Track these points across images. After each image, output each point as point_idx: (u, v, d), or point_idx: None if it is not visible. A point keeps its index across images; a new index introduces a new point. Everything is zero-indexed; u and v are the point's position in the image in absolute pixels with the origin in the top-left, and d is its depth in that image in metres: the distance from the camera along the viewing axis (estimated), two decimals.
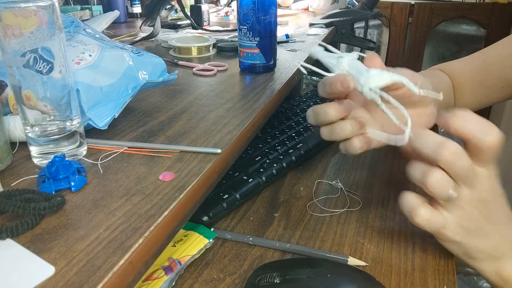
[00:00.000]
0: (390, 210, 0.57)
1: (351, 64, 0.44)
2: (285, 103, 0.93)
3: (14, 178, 0.36)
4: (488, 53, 0.69)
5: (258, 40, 0.64)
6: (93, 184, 0.35)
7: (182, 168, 0.38)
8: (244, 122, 0.48)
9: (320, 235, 0.53)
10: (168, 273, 0.44)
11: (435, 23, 1.67)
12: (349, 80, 0.43)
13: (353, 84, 0.43)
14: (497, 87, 0.68)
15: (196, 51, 0.81)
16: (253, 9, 0.63)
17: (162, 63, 0.52)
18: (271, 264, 0.46)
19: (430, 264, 0.47)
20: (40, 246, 0.28)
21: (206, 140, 0.43)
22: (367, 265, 0.47)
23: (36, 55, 0.35)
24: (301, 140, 0.73)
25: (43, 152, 0.38)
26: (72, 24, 0.51)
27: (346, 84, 0.43)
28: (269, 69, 0.68)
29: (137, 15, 1.30)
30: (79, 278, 0.25)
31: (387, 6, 1.71)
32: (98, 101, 0.44)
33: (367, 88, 0.42)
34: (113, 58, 0.47)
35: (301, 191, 0.63)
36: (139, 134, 0.45)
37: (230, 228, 0.55)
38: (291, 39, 0.91)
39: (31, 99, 0.36)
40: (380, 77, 0.42)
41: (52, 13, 0.34)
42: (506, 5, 1.56)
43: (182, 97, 0.57)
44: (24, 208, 0.30)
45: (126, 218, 0.31)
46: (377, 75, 0.42)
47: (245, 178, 0.61)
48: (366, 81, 0.42)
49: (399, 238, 0.51)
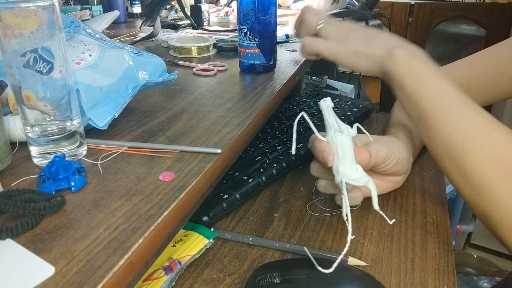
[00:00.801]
0: (390, 210, 0.57)
1: (343, 145, 0.46)
2: (285, 103, 0.93)
3: (14, 178, 0.36)
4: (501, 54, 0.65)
5: (258, 40, 0.64)
6: (93, 184, 0.35)
7: (182, 168, 0.38)
8: (244, 122, 0.48)
9: (320, 235, 0.53)
10: (168, 273, 0.44)
11: (435, 23, 1.68)
12: (329, 160, 0.47)
13: (331, 164, 0.47)
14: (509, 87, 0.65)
15: (196, 51, 0.81)
16: (253, 9, 0.62)
17: (162, 63, 0.52)
18: (271, 264, 0.46)
19: (430, 264, 0.47)
20: (40, 246, 0.28)
21: (206, 140, 0.43)
22: (367, 265, 0.47)
23: (36, 55, 0.35)
24: (301, 140, 0.73)
25: (43, 152, 0.38)
26: (72, 24, 0.51)
27: (326, 160, 0.47)
28: (269, 69, 0.68)
29: (137, 15, 1.30)
30: (79, 278, 0.25)
31: (387, 6, 1.71)
32: (98, 101, 0.44)
33: (339, 179, 0.46)
34: (113, 58, 0.47)
35: (301, 191, 0.63)
36: (139, 134, 0.45)
37: (230, 228, 0.55)
38: (291, 39, 0.91)
39: (31, 99, 0.36)
40: (356, 177, 0.45)
41: (52, 13, 0.34)
42: (506, 5, 1.56)
43: (182, 97, 0.57)
44: (24, 208, 0.30)
45: (126, 218, 0.31)
46: (355, 175, 0.45)
47: (245, 178, 0.61)
48: (344, 173, 0.45)
49: (399, 238, 0.51)
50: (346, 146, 0.46)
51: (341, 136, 0.47)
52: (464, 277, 1.36)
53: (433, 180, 0.65)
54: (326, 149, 0.47)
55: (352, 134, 0.47)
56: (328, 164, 0.47)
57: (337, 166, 0.46)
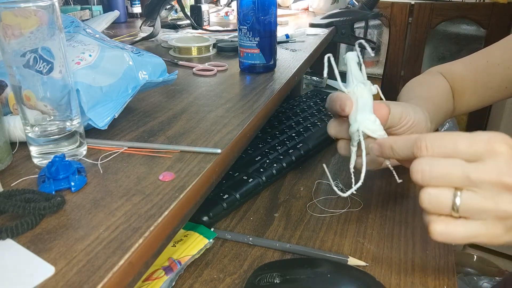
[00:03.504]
0: (390, 210, 0.57)
1: (363, 95, 0.45)
2: (285, 103, 0.93)
3: (14, 178, 0.36)
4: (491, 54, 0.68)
5: (258, 40, 0.64)
6: (93, 184, 0.35)
7: (182, 168, 0.38)
8: (244, 122, 0.48)
9: (320, 235, 0.53)
10: (168, 273, 0.44)
11: (435, 23, 1.67)
12: (346, 105, 0.44)
13: (348, 111, 0.44)
14: (500, 88, 0.67)
15: (196, 51, 0.81)
16: (253, 9, 0.62)
17: (162, 63, 0.52)
18: (271, 264, 0.46)
19: (430, 264, 0.47)
20: (40, 246, 0.28)
21: (206, 140, 0.43)
22: (367, 265, 0.47)
23: (36, 55, 0.35)
24: (301, 140, 0.73)
25: (43, 152, 0.38)
26: (72, 24, 0.51)
27: (343, 106, 0.44)
28: (269, 69, 0.68)
29: (137, 15, 1.30)
30: (79, 278, 0.25)
31: (387, 6, 1.71)
32: (98, 101, 0.44)
33: (356, 127, 0.44)
34: (113, 58, 0.47)
35: (301, 191, 0.63)
36: (139, 134, 0.45)
37: (230, 228, 0.55)
38: (291, 39, 0.91)
39: (31, 99, 0.36)
40: (374, 128, 0.44)
41: (52, 13, 0.34)
42: (506, 5, 1.55)
43: (182, 97, 0.57)
44: (24, 208, 0.30)
45: (126, 218, 0.31)
46: (374, 124, 0.44)
47: (245, 178, 0.61)
48: (361, 122, 0.44)
49: (399, 238, 0.51)
50: (366, 97, 0.45)
51: (363, 88, 0.45)
52: (464, 277, 1.36)
53: None
54: (344, 97, 0.45)
55: (374, 90, 0.46)
56: (345, 111, 0.44)
57: (355, 115, 0.44)
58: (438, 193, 0.35)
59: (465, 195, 0.34)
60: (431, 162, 0.35)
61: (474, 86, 0.68)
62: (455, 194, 0.34)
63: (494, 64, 0.66)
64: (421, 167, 0.35)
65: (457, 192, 0.34)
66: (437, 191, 0.35)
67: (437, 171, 0.34)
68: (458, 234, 0.35)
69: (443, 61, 0.68)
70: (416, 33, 1.71)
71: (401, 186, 0.62)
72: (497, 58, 0.66)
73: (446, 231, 0.35)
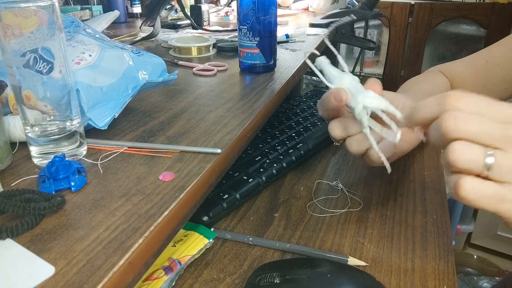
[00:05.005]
0: (390, 210, 0.57)
1: (352, 83, 0.45)
2: (285, 103, 0.93)
3: (14, 178, 0.36)
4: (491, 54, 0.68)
5: (258, 40, 0.64)
6: (93, 184, 0.35)
7: (182, 168, 0.38)
8: (244, 122, 0.48)
9: (320, 235, 0.53)
10: (168, 273, 0.44)
11: (435, 23, 1.67)
12: (342, 94, 0.43)
13: (346, 98, 0.43)
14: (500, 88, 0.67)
15: (196, 51, 0.81)
16: (253, 9, 0.62)
17: (162, 63, 0.52)
18: (271, 264, 0.46)
19: (430, 264, 0.47)
20: (40, 246, 0.28)
21: (206, 140, 0.43)
22: (367, 265, 0.47)
23: (36, 55, 0.35)
24: (301, 140, 0.73)
25: (43, 152, 0.38)
26: (72, 24, 0.51)
27: (339, 97, 0.43)
28: (269, 69, 0.68)
29: (137, 15, 1.30)
30: (79, 278, 0.25)
31: (387, 6, 1.71)
32: (98, 101, 0.44)
33: (360, 106, 0.42)
34: (113, 58, 0.47)
35: (301, 191, 0.63)
36: (139, 134, 0.45)
37: (230, 228, 0.55)
38: (291, 39, 0.91)
39: (31, 99, 0.36)
40: (378, 100, 0.42)
41: (52, 13, 0.34)
42: (506, 5, 1.55)
43: (182, 97, 0.57)
44: (24, 208, 0.30)
45: (126, 218, 0.31)
46: (376, 98, 0.43)
47: (245, 178, 0.61)
48: (363, 99, 0.42)
49: (399, 238, 0.51)
50: (354, 82, 0.45)
51: (347, 77, 0.45)
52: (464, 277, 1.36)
53: (433, 180, 0.65)
54: (335, 90, 0.44)
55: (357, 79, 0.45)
56: (343, 99, 0.43)
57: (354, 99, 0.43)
58: (472, 147, 0.31)
59: (499, 155, 0.31)
60: (466, 115, 0.32)
61: (474, 86, 0.68)
62: (489, 152, 0.31)
63: (494, 64, 0.66)
64: (455, 114, 0.32)
65: (491, 151, 0.31)
66: (470, 146, 0.31)
67: (473, 124, 0.31)
68: (489, 193, 0.32)
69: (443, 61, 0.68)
70: (416, 33, 1.71)
71: (401, 186, 0.62)
72: (497, 58, 0.66)
73: (478, 188, 0.32)
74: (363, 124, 0.42)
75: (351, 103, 0.44)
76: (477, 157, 0.31)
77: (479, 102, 0.32)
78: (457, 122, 0.32)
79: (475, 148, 0.31)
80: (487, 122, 0.32)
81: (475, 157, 0.31)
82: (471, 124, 0.32)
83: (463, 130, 0.32)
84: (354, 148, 0.46)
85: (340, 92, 0.43)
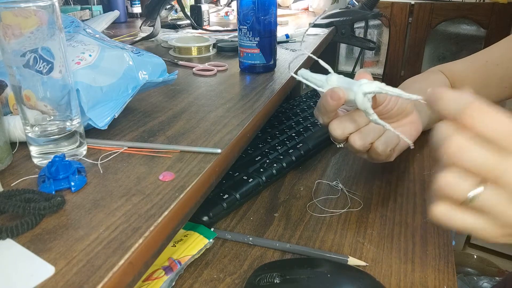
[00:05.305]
0: (390, 210, 0.57)
1: (339, 79, 0.44)
2: (285, 103, 0.93)
3: (14, 178, 0.36)
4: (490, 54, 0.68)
5: (258, 40, 0.64)
6: (93, 184, 0.35)
7: (182, 168, 0.38)
8: (244, 122, 0.48)
9: (320, 235, 0.53)
10: (168, 273, 0.44)
11: (435, 23, 1.67)
12: (338, 92, 0.42)
13: (343, 94, 0.42)
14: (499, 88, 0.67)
15: (196, 51, 0.81)
16: (253, 9, 0.63)
17: (162, 63, 0.52)
18: (271, 264, 0.46)
19: (430, 264, 0.47)
20: (40, 246, 0.28)
21: (206, 140, 0.43)
22: (367, 265, 0.47)
23: (36, 55, 0.35)
24: (301, 140, 0.73)
25: (43, 152, 0.38)
26: (72, 24, 0.51)
27: (336, 95, 0.42)
28: (269, 69, 0.68)
29: (137, 15, 1.30)
30: (79, 278, 0.25)
31: (387, 6, 1.71)
32: (98, 101, 0.44)
33: (360, 95, 0.41)
34: (113, 58, 0.47)
35: (301, 191, 0.63)
36: (139, 134, 0.45)
37: (230, 228, 0.55)
38: (291, 39, 0.91)
39: (31, 99, 0.36)
40: (375, 83, 0.42)
41: (52, 13, 0.34)
42: (506, 5, 1.55)
43: (182, 97, 0.57)
44: (24, 208, 0.30)
45: (126, 218, 0.31)
46: (369, 83, 0.42)
47: (245, 178, 0.61)
48: (360, 88, 0.41)
49: (399, 238, 0.51)
50: (341, 78, 0.44)
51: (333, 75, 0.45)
52: (464, 277, 1.36)
53: (433, 180, 0.64)
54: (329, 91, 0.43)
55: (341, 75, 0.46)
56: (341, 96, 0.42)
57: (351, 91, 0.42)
58: (461, 183, 0.31)
59: (488, 191, 0.31)
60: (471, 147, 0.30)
61: (474, 86, 0.68)
62: (477, 185, 0.31)
63: (494, 64, 0.66)
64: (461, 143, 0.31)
65: (479, 189, 0.31)
66: (460, 180, 0.31)
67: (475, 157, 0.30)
68: (458, 223, 0.33)
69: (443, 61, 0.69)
70: (416, 33, 1.71)
71: (401, 186, 0.62)
72: (497, 58, 0.67)
73: (448, 215, 0.33)
74: (368, 112, 0.41)
75: (349, 97, 0.43)
76: (463, 192, 0.31)
77: (499, 128, 0.30)
78: (460, 152, 0.31)
79: (464, 182, 0.31)
80: (491, 156, 0.30)
81: (461, 192, 0.31)
82: (472, 157, 0.30)
83: (461, 161, 0.31)
84: (359, 143, 0.45)
85: (335, 90, 0.43)
